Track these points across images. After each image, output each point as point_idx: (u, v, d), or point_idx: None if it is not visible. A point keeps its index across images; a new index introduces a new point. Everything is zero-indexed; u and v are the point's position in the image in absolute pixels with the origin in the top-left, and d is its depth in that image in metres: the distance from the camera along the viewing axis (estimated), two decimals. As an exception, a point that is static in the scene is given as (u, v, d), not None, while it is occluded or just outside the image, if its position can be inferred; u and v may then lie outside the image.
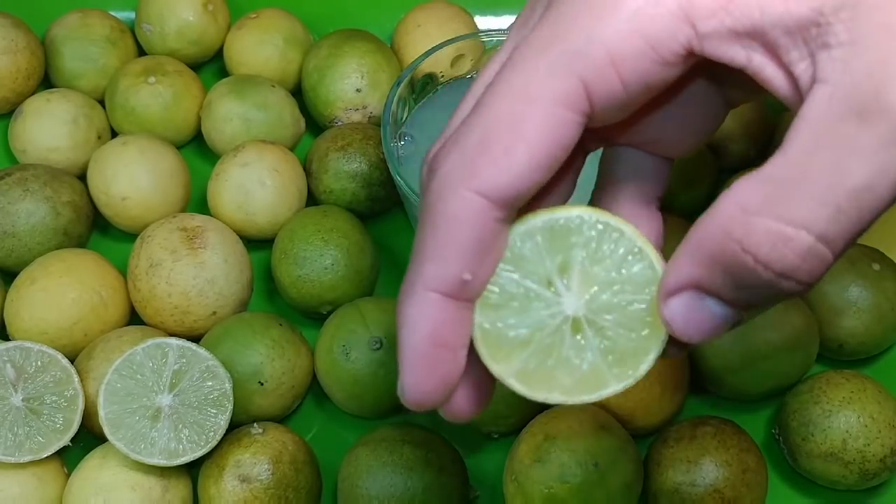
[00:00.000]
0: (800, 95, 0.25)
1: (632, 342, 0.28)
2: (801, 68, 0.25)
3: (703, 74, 0.29)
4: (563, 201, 0.30)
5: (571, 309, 0.28)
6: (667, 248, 0.29)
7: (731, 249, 0.24)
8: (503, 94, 0.26)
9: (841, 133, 0.23)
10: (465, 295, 0.27)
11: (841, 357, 0.56)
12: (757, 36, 0.25)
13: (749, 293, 0.25)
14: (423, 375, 0.27)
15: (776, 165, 0.24)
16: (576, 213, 0.28)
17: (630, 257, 0.28)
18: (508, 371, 0.28)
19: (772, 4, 0.24)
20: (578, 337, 0.28)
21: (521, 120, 0.26)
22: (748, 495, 0.49)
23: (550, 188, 0.29)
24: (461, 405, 0.29)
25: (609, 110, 0.27)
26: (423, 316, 0.27)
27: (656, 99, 0.28)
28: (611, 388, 0.28)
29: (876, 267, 0.55)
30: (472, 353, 0.28)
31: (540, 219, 0.28)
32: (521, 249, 0.28)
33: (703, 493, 0.49)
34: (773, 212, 0.23)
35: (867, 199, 0.23)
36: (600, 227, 0.28)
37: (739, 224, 0.24)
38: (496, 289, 0.28)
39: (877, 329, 0.55)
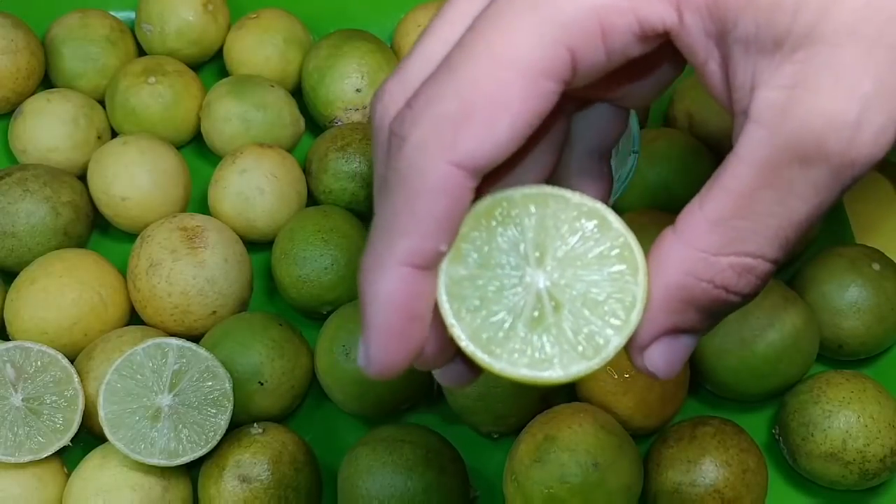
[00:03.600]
0: (730, 105, 0.26)
1: (597, 325, 0.27)
2: (738, 85, 0.26)
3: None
4: (539, 167, 0.30)
5: (539, 282, 0.27)
6: None
7: (702, 288, 0.26)
8: (483, 58, 0.25)
9: (782, 176, 0.25)
10: (437, 263, 0.27)
11: (841, 357, 0.56)
12: (722, 45, 0.26)
13: (718, 317, 0.28)
14: (395, 349, 0.26)
15: (722, 204, 0.26)
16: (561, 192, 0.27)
17: (601, 241, 0.27)
18: (466, 332, 0.27)
19: (745, 20, 0.25)
20: (539, 313, 0.27)
21: (505, 91, 0.25)
22: (748, 495, 0.49)
23: (521, 154, 0.28)
24: (435, 358, 0.28)
25: (586, 78, 0.26)
26: (396, 292, 0.26)
27: (630, 65, 0.28)
28: (572, 369, 0.26)
29: (876, 267, 0.55)
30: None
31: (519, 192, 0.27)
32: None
33: (703, 493, 0.49)
34: (733, 250, 0.26)
35: (807, 227, 0.26)
36: (584, 209, 0.27)
37: (705, 266, 0.26)
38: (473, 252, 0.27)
39: (877, 329, 0.54)
